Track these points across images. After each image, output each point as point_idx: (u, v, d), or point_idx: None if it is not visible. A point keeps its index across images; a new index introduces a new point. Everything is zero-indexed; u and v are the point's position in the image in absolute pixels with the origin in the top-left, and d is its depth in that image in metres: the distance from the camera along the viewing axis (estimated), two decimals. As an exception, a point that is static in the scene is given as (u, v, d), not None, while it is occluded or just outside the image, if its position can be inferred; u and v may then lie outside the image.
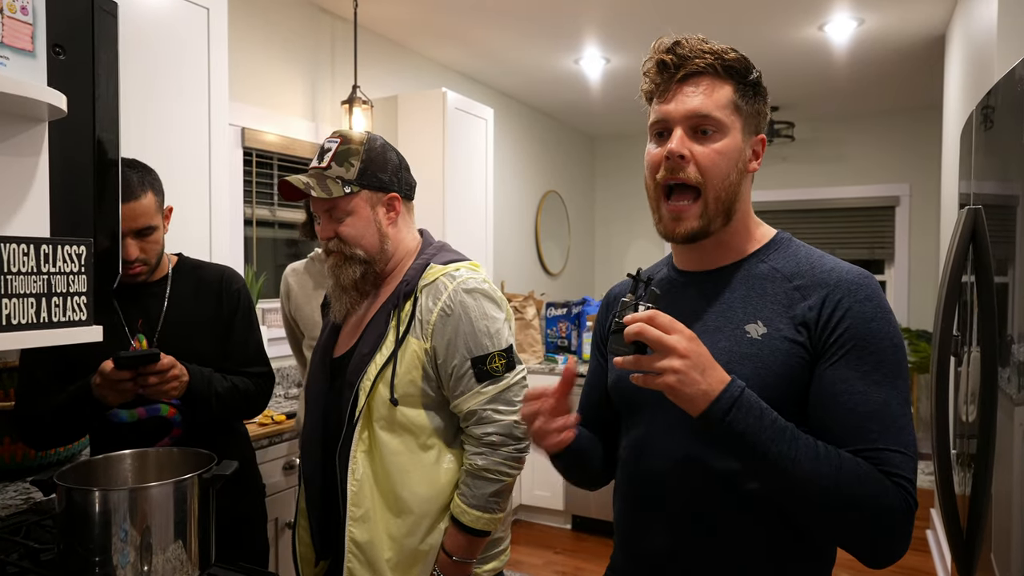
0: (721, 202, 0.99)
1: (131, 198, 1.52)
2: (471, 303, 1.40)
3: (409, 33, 3.78)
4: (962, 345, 1.75)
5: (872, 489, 0.86)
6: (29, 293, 0.82)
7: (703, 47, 0.98)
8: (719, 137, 0.97)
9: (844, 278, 0.95)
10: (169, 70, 2.22)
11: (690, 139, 0.98)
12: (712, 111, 0.97)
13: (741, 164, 1.00)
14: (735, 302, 1.00)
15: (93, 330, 0.89)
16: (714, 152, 0.97)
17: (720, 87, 0.98)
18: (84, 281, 0.86)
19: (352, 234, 1.42)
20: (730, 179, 0.98)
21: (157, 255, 1.61)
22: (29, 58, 0.86)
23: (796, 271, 0.99)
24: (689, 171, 0.97)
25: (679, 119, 0.98)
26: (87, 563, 1.11)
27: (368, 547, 1.38)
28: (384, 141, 1.47)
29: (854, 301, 0.93)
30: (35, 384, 1.55)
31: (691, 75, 0.98)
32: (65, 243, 0.86)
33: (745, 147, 1.01)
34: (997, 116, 1.47)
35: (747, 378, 0.92)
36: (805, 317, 0.94)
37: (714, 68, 0.98)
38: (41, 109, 0.89)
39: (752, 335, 0.96)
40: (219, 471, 1.24)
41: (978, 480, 1.52)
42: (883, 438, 0.89)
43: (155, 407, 1.59)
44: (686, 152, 0.97)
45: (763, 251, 1.04)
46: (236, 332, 1.71)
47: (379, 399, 1.39)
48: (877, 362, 0.91)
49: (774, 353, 0.94)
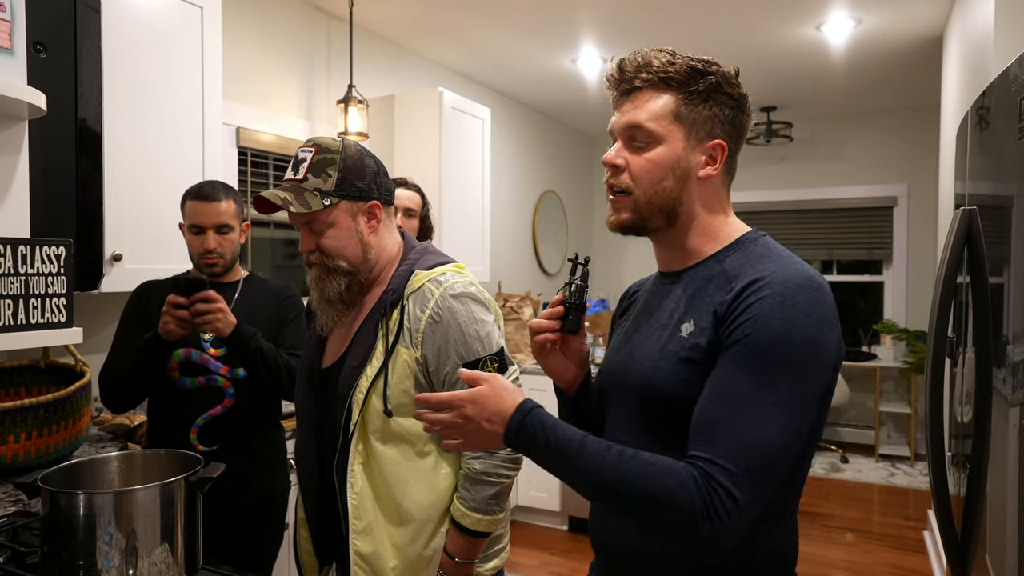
0: (653, 204, 1.03)
1: (214, 199, 1.86)
2: (459, 308, 1.38)
3: (405, 32, 3.77)
4: (957, 346, 1.74)
5: (656, 479, 0.89)
6: (6, 294, 0.80)
7: (649, 61, 1.02)
8: (652, 147, 1.02)
9: (766, 275, 0.93)
10: (163, 69, 2.21)
11: (628, 149, 1.04)
12: (643, 123, 1.02)
13: (680, 171, 1.02)
14: (683, 302, 1.04)
15: (73, 332, 0.88)
16: (646, 161, 1.02)
17: (657, 99, 1.02)
18: (64, 282, 0.85)
19: (334, 246, 1.38)
20: (663, 185, 1.02)
21: (232, 253, 1.93)
22: (7, 56, 0.84)
23: (740, 271, 0.98)
24: (622, 178, 1.04)
25: (618, 131, 1.05)
26: (71, 567, 1.09)
27: (373, 558, 1.38)
28: (360, 147, 1.43)
29: (760, 297, 0.91)
30: (117, 350, 1.88)
31: (632, 90, 1.04)
32: (44, 244, 0.85)
33: (688, 154, 1.02)
34: (992, 116, 1.46)
35: (668, 375, 0.98)
36: (722, 320, 0.94)
37: (651, 82, 1.02)
38: (20, 108, 0.88)
39: (682, 333, 1.00)
40: (206, 474, 1.22)
41: (973, 481, 1.51)
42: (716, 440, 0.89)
43: (213, 378, 1.88)
44: (620, 162, 1.04)
45: (722, 252, 1.04)
46: (288, 327, 2.01)
47: (373, 411, 1.38)
48: (761, 369, 0.89)
49: (691, 350, 0.97)
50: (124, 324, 1.93)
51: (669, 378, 0.98)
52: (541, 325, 1.13)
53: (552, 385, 1.24)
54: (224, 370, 1.89)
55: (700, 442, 0.90)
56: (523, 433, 0.96)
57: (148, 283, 1.96)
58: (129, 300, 1.95)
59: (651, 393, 1.01)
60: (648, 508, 0.89)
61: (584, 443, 0.94)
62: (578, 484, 0.95)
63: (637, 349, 1.07)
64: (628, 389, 1.06)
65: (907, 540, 3.92)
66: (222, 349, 1.89)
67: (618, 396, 1.09)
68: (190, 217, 1.86)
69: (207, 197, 1.85)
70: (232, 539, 1.91)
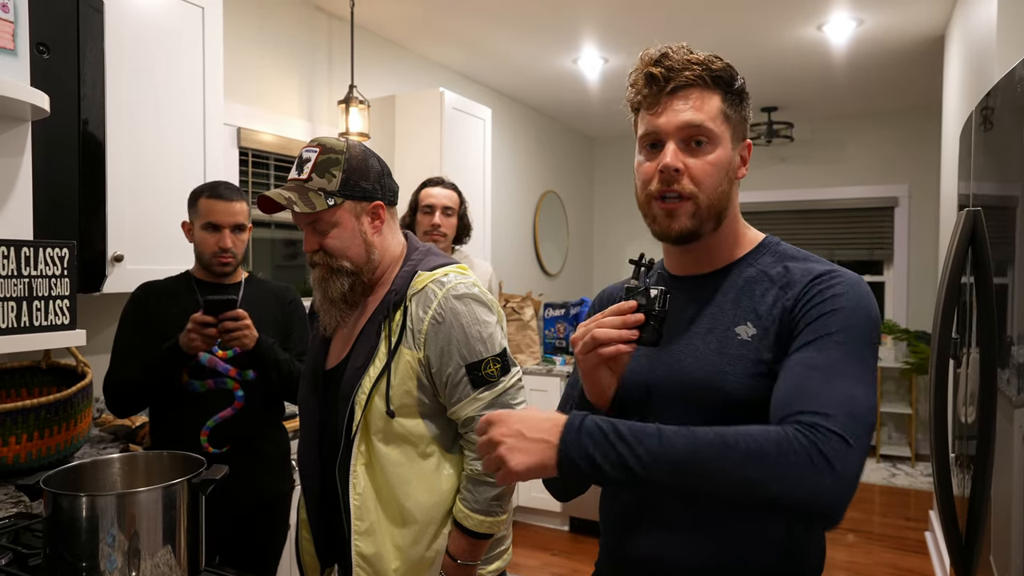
0: (713, 209, 1.00)
1: (230, 199, 1.87)
2: (462, 309, 1.38)
3: (406, 32, 3.76)
4: (961, 347, 1.74)
5: (760, 436, 0.81)
6: (9, 297, 0.80)
7: (690, 58, 0.99)
8: (711, 148, 0.98)
9: (819, 271, 0.97)
10: (164, 70, 2.21)
11: (683, 151, 0.98)
12: (704, 122, 0.98)
13: (731, 172, 1.01)
14: (726, 305, 1.01)
15: (76, 334, 0.87)
16: (707, 164, 0.98)
17: (709, 98, 0.99)
18: (67, 284, 0.84)
19: (337, 246, 1.39)
20: (721, 188, 1.00)
21: (242, 253, 1.96)
22: (10, 57, 0.84)
23: (783, 273, 1.00)
24: (684, 183, 0.98)
25: (672, 132, 0.98)
26: (74, 569, 1.09)
27: (375, 559, 1.37)
28: (364, 147, 1.43)
29: (820, 287, 0.95)
30: (120, 355, 1.87)
31: (680, 87, 0.98)
32: (47, 245, 0.84)
33: (734, 155, 1.02)
34: (997, 117, 1.46)
35: (739, 377, 0.95)
36: (788, 321, 0.96)
37: (702, 79, 0.98)
38: (23, 109, 0.87)
39: (742, 336, 0.97)
40: (208, 476, 1.22)
41: (977, 482, 1.51)
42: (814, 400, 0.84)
43: (222, 380, 1.89)
44: (680, 166, 0.98)
45: (752, 255, 1.05)
46: (295, 332, 2.03)
47: (375, 412, 1.37)
48: (838, 342, 0.89)
49: (760, 352, 0.95)
50: (125, 327, 1.91)
51: (739, 381, 0.94)
52: (610, 336, 0.96)
53: (552, 387, 1.22)
54: (233, 372, 1.90)
55: (793, 403, 0.84)
56: (585, 431, 0.83)
57: (147, 284, 1.94)
58: (128, 302, 1.93)
59: (719, 398, 0.96)
60: (759, 472, 0.78)
61: (660, 427, 0.83)
62: (664, 469, 0.81)
63: (681, 354, 1.02)
64: (678, 396, 1.00)
65: (908, 541, 3.92)
66: (230, 351, 1.89)
67: (659, 404, 1.01)
68: (206, 215, 1.84)
69: (224, 196, 1.85)
70: (237, 541, 1.91)
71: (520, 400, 1.43)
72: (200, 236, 1.87)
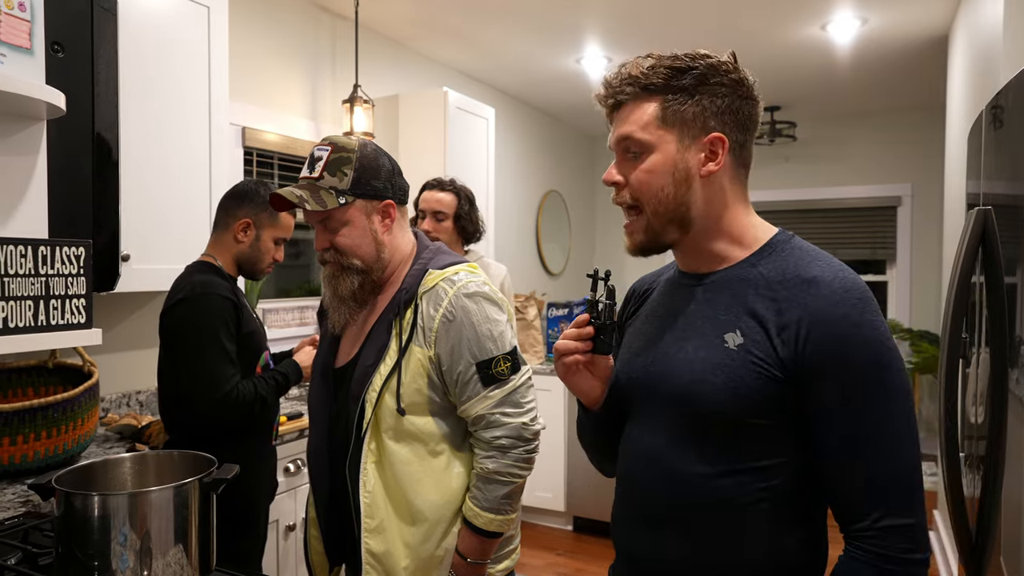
0: (661, 215, 1.01)
1: (294, 215, 1.89)
2: (473, 307, 1.38)
3: (410, 32, 3.76)
4: (970, 346, 1.73)
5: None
6: (27, 296, 0.80)
7: (631, 72, 1.01)
8: (645, 156, 1.00)
9: (821, 296, 0.92)
10: (169, 69, 2.21)
11: (625, 163, 1.03)
12: (632, 133, 1.00)
13: (680, 174, 0.99)
14: (720, 309, 1.00)
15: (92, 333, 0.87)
16: (642, 172, 1.01)
17: (642, 107, 1.00)
18: (83, 283, 0.84)
19: (348, 244, 1.39)
20: (664, 192, 1.00)
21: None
22: (27, 56, 0.84)
23: (780, 280, 0.97)
24: (624, 194, 1.03)
25: (613, 147, 1.05)
26: (86, 567, 1.09)
27: (385, 557, 1.37)
28: (376, 146, 1.44)
29: (825, 321, 0.91)
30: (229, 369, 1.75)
31: (618, 104, 1.03)
32: (63, 244, 0.84)
33: (684, 155, 0.99)
34: (1007, 116, 1.46)
35: (720, 388, 0.94)
36: (781, 336, 0.93)
37: (634, 93, 1.01)
38: (39, 108, 0.87)
39: (729, 344, 0.96)
40: (220, 475, 1.22)
41: (987, 482, 1.51)
42: (879, 505, 0.89)
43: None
44: (618, 179, 1.03)
45: (756, 256, 1.01)
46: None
47: (386, 409, 1.38)
48: (867, 398, 0.90)
49: (746, 366, 0.94)
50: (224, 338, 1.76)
51: (720, 393, 0.94)
52: (568, 347, 1.06)
53: (557, 386, 1.24)
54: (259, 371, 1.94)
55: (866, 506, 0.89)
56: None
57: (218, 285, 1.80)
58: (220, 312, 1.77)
59: (698, 406, 0.97)
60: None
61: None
62: None
63: (671, 357, 1.02)
64: (663, 399, 1.02)
65: (912, 540, 3.91)
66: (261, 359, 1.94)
67: (648, 404, 1.05)
68: (284, 230, 1.92)
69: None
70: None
71: (530, 399, 1.43)
72: (267, 245, 1.91)
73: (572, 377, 1.09)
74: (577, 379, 1.09)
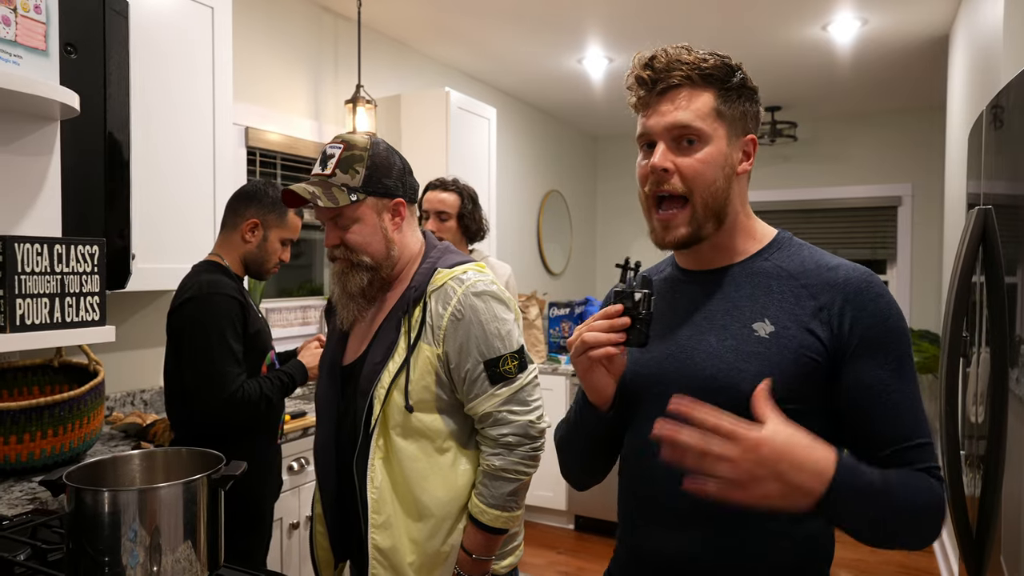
0: (709, 208, 1.00)
1: (301, 217, 1.95)
2: (481, 306, 1.40)
3: (413, 32, 3.77)
4: (970, 346, 1.74)
5: (928, 498, 0.92)
6: (43, 293, 0.81)
7: (680, 58, 0.99)
8: (701, 146, 0.99)
9: (852, 277, 0.98)
10: (173, 69, 2.22)
11: (673, 151, 1.00)
12: (691, 122, 0.98)
13: (728, 168, 1.01)
14: (741, 300, 1.02)
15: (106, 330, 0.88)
16: (697, 162, 0.99)
17: (699, 96, 0.99)
18: (97, 281, 0.85)
19: (358, 241, 1.41)
20: (716, 185, 1.00)
21: None
22: (42, 57, 0.85)
23: (801, 270, 1.01)
24: (674, 182, 0.99)
25: (660, 133, 1.00)
26: (96, 563, 1.10)
27: (391, 552, 1.39)
28: (387, 145, 1.46)
29: (868, 300, 0.97)
30: (235, 368, 1.75)
31: (669, 88, 1.00)
32: (78, 243, 0.85)
33: (731, 151, 1.02)
34: (1008, 116, 1.47)
35: (754, 376, 0.95)
36: (818, 317, 0.96)
37: (691, 79, 0.99)
38: (53, 108, 0.88)
39: (760, 333, 0.98)
40: (228, 472, 1.23)
41: (988, 482, 1.52)
42: (916, 431, 0.95)
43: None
44: (669, 165, 0.99)
45: (766, 250, 1.06)
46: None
47: (394, 406, 1.39)
48: (899, 357, 0.96)
49: (782, 352, 0.96)
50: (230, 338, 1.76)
51: (754, 379, 0.93)
52: (598, 339, 0.98)
53: (559, 386, 1.23)
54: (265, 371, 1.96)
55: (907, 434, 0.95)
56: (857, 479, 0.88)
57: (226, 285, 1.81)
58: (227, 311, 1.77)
59: (733, 396, 0.95)
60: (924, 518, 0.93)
61: (885, 473, 0.92)
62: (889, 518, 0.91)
63: (691, 351, 1.02)
64: (689, 392, 0.98)
65: (913, 539, 3.93)
66: (267, 358, 1.95)
67: (664, 400, 0.97)
68: (292, 231, 1.96)
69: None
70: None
71: (536, 397, 1.44)
72: (275, 246, 1.94)
73: (591, 373, 1.02)
74: (596, 376, 1.03)
